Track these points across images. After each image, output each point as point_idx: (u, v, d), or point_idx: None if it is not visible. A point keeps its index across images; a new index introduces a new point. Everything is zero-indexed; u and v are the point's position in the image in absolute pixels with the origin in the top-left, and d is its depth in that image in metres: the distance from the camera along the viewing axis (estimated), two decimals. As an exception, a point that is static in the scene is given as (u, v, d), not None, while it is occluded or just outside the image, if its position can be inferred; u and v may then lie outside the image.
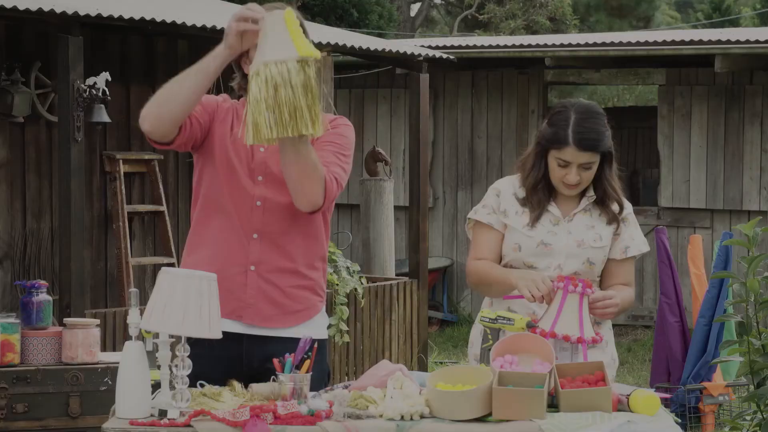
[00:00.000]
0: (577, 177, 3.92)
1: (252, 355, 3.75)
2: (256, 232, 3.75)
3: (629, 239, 4.04)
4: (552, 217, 3.99)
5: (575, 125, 3.89)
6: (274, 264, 3.76)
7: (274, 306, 3.77)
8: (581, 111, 3.92)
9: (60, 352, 5.24)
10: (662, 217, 12.10)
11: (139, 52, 8.76)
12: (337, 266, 8.65)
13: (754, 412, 4.41)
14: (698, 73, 11.96)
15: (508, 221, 4.00)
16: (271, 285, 3.76)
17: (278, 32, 3.52)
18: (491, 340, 3.78)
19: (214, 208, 3.80)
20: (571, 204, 4.03)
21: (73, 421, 5.28)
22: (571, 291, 3.79)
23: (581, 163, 3.90)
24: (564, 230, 3.98)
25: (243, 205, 3.75)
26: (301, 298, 3.81)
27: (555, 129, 3.92)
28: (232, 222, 3.76)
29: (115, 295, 8.53)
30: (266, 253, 3.76)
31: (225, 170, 3.77)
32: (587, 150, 3.89)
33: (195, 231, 3.86)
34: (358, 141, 13.05)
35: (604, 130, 3.92)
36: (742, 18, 27.41)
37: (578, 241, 3.97)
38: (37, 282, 5.31)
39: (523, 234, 3.97)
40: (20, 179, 8.05)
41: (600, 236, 3.99)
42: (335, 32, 10.18)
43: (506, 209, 4.02)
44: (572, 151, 3.88)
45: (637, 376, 9.89)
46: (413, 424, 3.27)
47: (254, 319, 3.75)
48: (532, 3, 21.54)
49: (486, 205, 4.07)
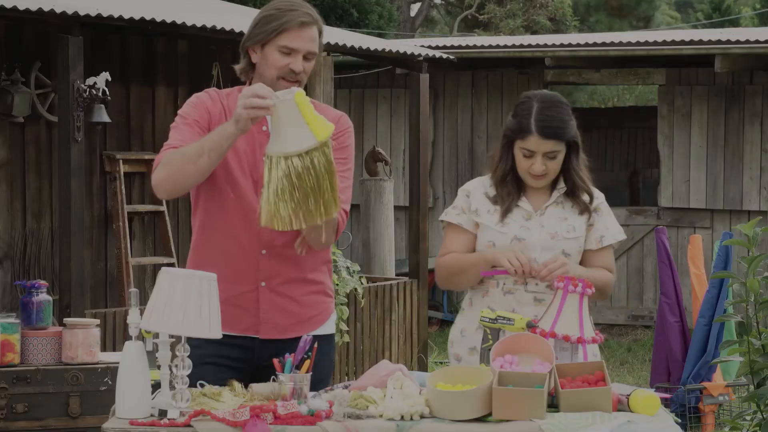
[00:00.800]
0: (542, 166, 3.94)
1: (262, 356, 3.75)
2: (264, 247, 3.74)
3: (603, 228, 4.05)
4: (524, 212, 4.01)
5: (538, 114, 3.93)
6: (284, 276, 3.76)
7: (289, 316, 3.77)
8: (544, 100, 3.97)
9: (60, 352, 5.24)
10: (662, 217, 12.10)
11: (139, 52, 8.75)
12: (337, 266, 8.65)
13: (754, 412, 4.41)
14: (698, 73, 11.96)
15: (480, 220, 4.02)
16: (283, 297, 3.76)
17: (294, 120, 3.50)
18: (491, 340, 3.78)
19: (218, 225, 3.76)
20: (542, 197, 4.04)
21: (73, 421, 5.28)
22: (571, 291, 3.79)
23: (546, 151, 3.93)
24: (537, 224, 4.00)
25: (250, 222, 3.69)
26: (314, 303, 3.82)
27: (519, 119, 3.97)
28: (238, 239, 3.73)
29: (115, 295, 8.52)
30: (275, 267, 3.74)
31: (228, 185, 3.74)
32: (550, 138, 3.91)
33: (199, 248, 3.81)
34: (358, 141, 13.06)
35: (567, 119, 3.96)
36: (742, 18, 27.41)
37: (551, 234, 3.98)
38: (37, 282, 5.30)
39: (496, 231, 3.99)
40: (20, 179, 8.04)
41: (573, 227, 4.01)
42: (335, 32, 10.18)
43: (477, 208, 4.04)
44: (536, 139, 3.92)
45: (637, 376, 9.89)
46: (413, 424, 3.27)
47: (271, 332, 3.75)
48: (532, 3, 21.54)
49: (456, 206, 4.10)
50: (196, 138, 3.69)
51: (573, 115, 4.00)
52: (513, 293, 3.98)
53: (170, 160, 3.63)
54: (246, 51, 3.78)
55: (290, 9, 3.72)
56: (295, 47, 3.70)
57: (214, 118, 3.76)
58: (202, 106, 3.78)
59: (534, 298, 3.97)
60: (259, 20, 3.76)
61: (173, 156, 3.63)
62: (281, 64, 3.70)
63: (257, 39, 3.73)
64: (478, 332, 4.02)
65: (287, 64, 3.70)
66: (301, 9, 3.74)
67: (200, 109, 3.77)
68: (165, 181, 3.64)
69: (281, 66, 3.70)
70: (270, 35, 3.70)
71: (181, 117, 3.78)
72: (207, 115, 3.77)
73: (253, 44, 3.74)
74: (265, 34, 3.71)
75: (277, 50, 3.70)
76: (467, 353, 4.06)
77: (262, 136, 3.75)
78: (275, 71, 3.70)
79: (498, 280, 3.99)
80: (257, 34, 3.74)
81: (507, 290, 3.99)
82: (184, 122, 3.75)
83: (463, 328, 4.10)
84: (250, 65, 3.78)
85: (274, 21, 3.70)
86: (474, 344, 4.03)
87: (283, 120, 3.51)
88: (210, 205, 3.78)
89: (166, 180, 3.64)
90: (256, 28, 3.75)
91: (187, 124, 3.74)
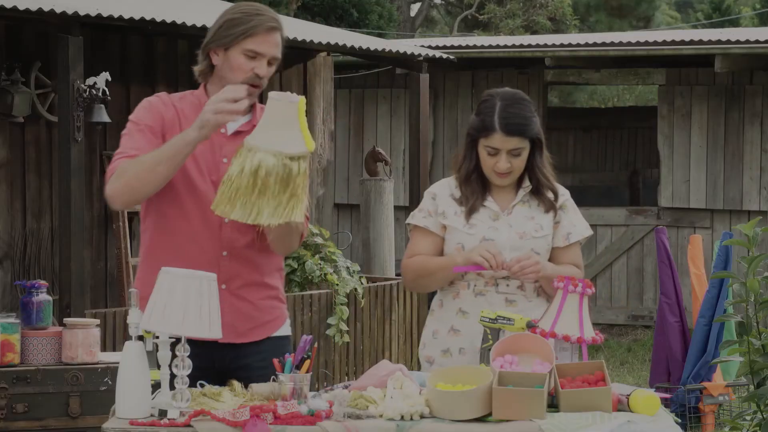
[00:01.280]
0: (507, 164, 3.96)
1: (223, 361, 3.75)
2: (225, 249, 3.72)
3: (570, 226, 4.06)
4: (491, 212, 4.02)
5: (501, 111, 3.95)
6: (244, 279, 3.75)
7: (248, 321, 3.77)
8: (506, 98, 3.99)
9: (60, 352, 5.24)
10: (662, 217, 12.10)
11: (139, 52, 8.75)
12: (337, 266, 8.65)
13: (754, 412, 4.40)
14: (698, 73, 11.96)
15: (447, 222, 4.03)
16: (242, 300, 3.75)
17: (289, 124, 3.52)
18: (491, 340, 3.78)
19: (176, 229, 3.71)
20: (508, 197, 4.05)
21: (73, 421, 5.28)
22: (571, 291, 3.79)
23: (510, 149, 3.94)
24: (504, 224, 4.01)
25: (211, 224, 3.69)
26: (270, 308, 3.83)
27: (482, 117, 3.99)
28: (198, 242, 3.70)
29: (115, 295, 8.52)
30: (236, 269, 3.73)
31: (186, 189, 3.70)
32: (514, 135, 3.93)
33: (154, 252, 3.75)
34: (358, 141, 13.07)
35: (530, 116, 3.97)
36: (742, 18, 27.41)
37: (520, 233, 4.00)
38: (37, 282, 5.30)
39: (464, 233, 4.00)
40: (20, 179, 8.05)
41: (541, 226, 4.02)
42: (335, 32, 10.18)
43: (444, 210, 4.05)
44: (500, 137, 3.93)
45: (637, 376, 9.89)
46: (413, 424, 3.27)
47: (230, 336, 3.71)
48: (532, 3, 21.54)
49: (422, 209, 4.11)
50: (149, 145, 3.65)
51: (535, 112, 4.01)
52: (484, 295, 4.00)
53: (125, 170, 3.59)
54: (207, 53, 3.74)
55: (257, 13, 3.70)
56: (261, 51, 3.68)
57: (167, 123, 3.72)
58: (155, 111, 3.74)
59: (505, 299, 3.99)
60: (223, 23, 3.72)
61: (129, 165, 3.59)
62: (246, 67, 3.68)
63: (222, 42, 3.69)
64: (450, 334, 4.04)
65: (252, 68, 3.68)
66: (267, 14, 3.72)
67: (153, 113, 3.73)
68: (121, 191, 3.60)
69: (246, 70, 3.68)
70: (236, 38, 3.67)
71: (133, 123, 3.73)
72: (160, 120, 3.72)
73: (217, 47, 3.71)
74: (232, 37, 3.68)
75: (243, 54, 3.67)
76: (440, 355, 4.07)
77: (221, 138, 3.73)
78: (240, 75, 3.68)
79: (469, 282, 4.01)
80: (222, 36, 3.70)
81: (478, 292, 4.00)
82: (137, 128, 3.70)
83: (435, 330, 4.10)
84: (210, 67, 3.75)
85: (241, 24, 3.68)
86: (447, 346, 4.05)
87: (278, 119, 3.52)
88: (167, 208, 3.72)
89: (122, 190, 3.60)
90: (221, 31, 3.71)
91: (140, 131, 3.69)
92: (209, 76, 3.77)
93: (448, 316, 4.04)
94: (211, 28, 3.78)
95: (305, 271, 8.48)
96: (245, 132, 3.71)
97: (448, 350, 4.03)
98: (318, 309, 8.44)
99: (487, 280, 3.97)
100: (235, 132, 3.75)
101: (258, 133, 3.53)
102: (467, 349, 4.00)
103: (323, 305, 8.48)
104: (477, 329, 3.90)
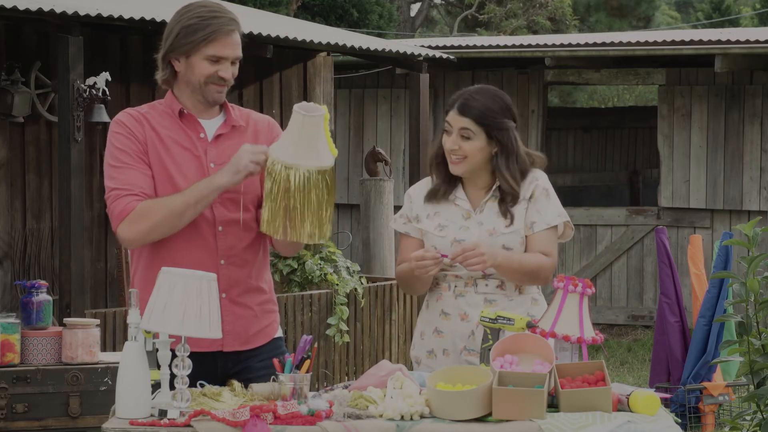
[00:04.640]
0: (455, 145, 4.00)
1: (226, 367, 3.76)
2: (223, 257, 3.71)
3: (536, 214, 4.04)
4: (462, 211, 4.06)
5: (465, 93, 4.06)
6: (242, 286, 3.75)
7: (249, 327, 3.77)
8: (479, 87, 4.09)
9: (60, 352, 5.24)
10: (662, 217, 12.10)
11: (139, 52, 8.75)
12: (337, 266, 8.65)
13: (754, 412, 4.41)
14: (698, 73, 11.96)
15: (421, 226, 4.09)
16: (242, 307, 3.75)
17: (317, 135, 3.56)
18: (491, 340, 3.78)
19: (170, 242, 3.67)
20: (480, 194, 4.08)
21: (73, 421, 5.28)
22: (571, 291, 3.79)
23: (460, 127, 3.99)
24: (475, 223, 4.04)
25: (205, 233, 3.68)
26: (267, 313, 3.84)
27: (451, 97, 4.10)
28: (194, 252, 3.67)
29: (115, 295, 8.53)
30: (233, 277, 3.72)
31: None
32: (465, 115, 3.99)
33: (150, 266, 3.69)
34: (358, 141, 13.07)
35: (492, 108, 4.00)
36: (742, 18, 27.41)
37: (490, 231, 4.02)
38: (37, 282, 5.30)
39: (435, 235, 4.05)
40: (20, 179, 8.05)
41: (511, 220, 4.03)
42: (335, 32, 10.18)
43: (418, 214, 4.11)
44: (453, 114, 4.03)
45: (637, 376, 9.89)
46: (413, 424, 3.27)
47: (234, 345, 3.73)
48: (532, 3, 21.53)
49: (402, 215, 4.18)
50: (143, 176, 3.62)
51: (508, 115, 4.03)
52: (464, 296, 4.04)
53: (147, 215, 3.58)
54: (167, 61, 3.69)
55: (213, 17, 3.65)
56: (223, 55, 3.65)
57: (148, 140, 3.68)
58: (133, 134, 3.68)
59: (485, 299, 4.02)
60: (180, 30, 3.65)
61: (152, 210, 3.58)
62: (209, 72, 3.65)
63: (182, 50, 3.65)
64: (434, 335, 4.08)
65: (216, 71, 3.66)
66: (224, 15, 3.67)
67: (132, 138, 3.67)
68: (146, 234, 3.60)
69: (209, 74, 3.66)
70: (197, 45, 3.63)
71: (120, 151, 3.65)
72: (143, 138, 3.67)
73: (177, 55, 3.66)
74: (192, 44, 3.63)
75: (205, 59, 3.64)
76: (425, 356, 4.10)
77: (203, 143, 3.71)
78: (203, 79, 3.66)
79: (449, 283, 4.05)
80: (181, 45, 3.65)
81: (458, 293, 4.05)
82: (128, 158, 3.64)
83: (422, 332, 4.15)
84: (173, 74, 3.71)
85: (200, 31, 3.63)
86: (431, 347, 4.09)
87: (307, 133, 3.55)
88: None
89: (148, 233, 3.59)
90: (179, 39, 3.65)
91: (130, 164, 3.64)
92: (174, 83, 3.73)
93: (432, 318, 4.10)
94: (166, 34, 3.70)
95: (305, 271, 8.48)
96: (225, 135, 3.72)
97: (433, 351, 4.08)
98: (318, 309, 8.44)
99: (466, 281, 4.00)
100: (216, 136, 3.73)
101: (289, 148, 3.55)
102: (450, 350, 4.04)
103: (323, 305, 8.48)
104: (458, 330, 3.99)
